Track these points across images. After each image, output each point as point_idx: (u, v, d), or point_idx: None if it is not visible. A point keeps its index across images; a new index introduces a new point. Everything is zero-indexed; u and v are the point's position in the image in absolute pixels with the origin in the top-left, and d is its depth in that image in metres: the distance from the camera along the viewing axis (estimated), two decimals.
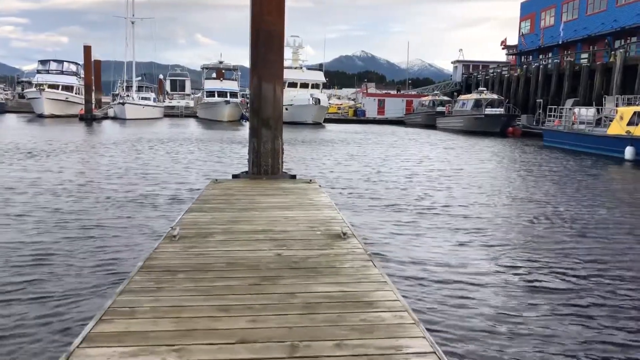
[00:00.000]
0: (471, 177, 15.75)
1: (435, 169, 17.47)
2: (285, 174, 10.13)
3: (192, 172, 15.95)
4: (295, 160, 19.21)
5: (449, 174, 16.26)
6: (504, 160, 21.50)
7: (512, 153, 24.04)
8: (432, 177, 15.55)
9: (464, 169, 17.62)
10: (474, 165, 18.90)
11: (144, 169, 16.53)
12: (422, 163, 19.42)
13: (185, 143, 26.80)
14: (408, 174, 16.32)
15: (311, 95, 48.07)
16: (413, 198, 12.31)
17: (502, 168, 18.68)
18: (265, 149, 9.83)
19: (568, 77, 41.47)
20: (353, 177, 15.35)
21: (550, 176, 16.70)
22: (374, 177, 15.44)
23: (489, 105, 41.36)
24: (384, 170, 16.94)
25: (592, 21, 46.52)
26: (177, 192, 12.43)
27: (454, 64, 68.54)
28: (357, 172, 16.46)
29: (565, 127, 26.33)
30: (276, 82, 9.86)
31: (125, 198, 11.58)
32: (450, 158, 21.30)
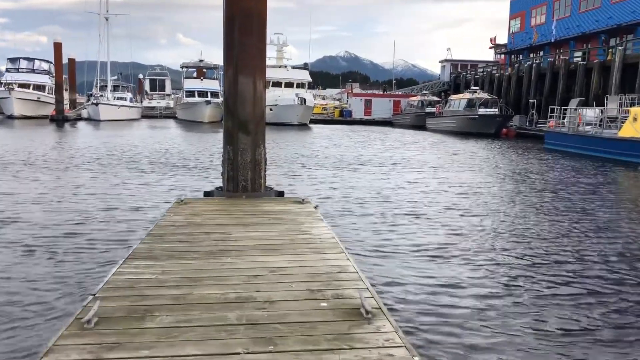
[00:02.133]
0: (484, 194, 13.47)
1: (444, 181, 14.95)
2: (270, 190, 8.10)
3: (156, 187, 13.00)
4: (281, 169, 16.72)
5: (462, 190, 13.53)
6: (511, 168, 19.65)
7: (516, 160, 22.20)
8: (444, 196, 12.69)
9: (473, 184, 14.92)
10: (481, 177, 16.92)
11: (90, 188, 12.70)
12: (426, 173, 16.76)
13: (155, 146, 24.22)
14: (419, 192, 13.22)
15: (296, 94, 45.98)
16: (439, 236, 8.78)
17: (512, 180, 16.77)
18: (243, 159, 7.78)
19: (563, 76, 39.95)
20: (353, 193, 12.61)
21: (564, 186, 14.86)
22: (377, 194, 12.62)
23: (483, 106, 39.68)
24: (388, 186, 13.89)
25: (586, 18, 45.14)
26: (126, 221, 9.13)
27: (441, 63, 66.96)
28: (357, 186, 13.70)
29: (570, 128, 24.58)
30: (257, 74, 7.82)
31: (48, 243, 7.72)
32: (454, 167, 18.92)
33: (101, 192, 12.07)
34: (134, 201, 11.07)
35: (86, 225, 8.87)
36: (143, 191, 12.38)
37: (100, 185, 13.24)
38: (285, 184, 13.36)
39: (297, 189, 12.83)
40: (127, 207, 10.45)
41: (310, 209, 6.84)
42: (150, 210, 10.05)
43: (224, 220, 6.07)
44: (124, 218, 9.46)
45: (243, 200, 7.44)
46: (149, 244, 4.91)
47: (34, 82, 53.24)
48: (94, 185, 13.21)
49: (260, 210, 6.66)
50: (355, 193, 12.67)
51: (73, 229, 8.59)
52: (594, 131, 22.73)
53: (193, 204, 7.10)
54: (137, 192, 12.29)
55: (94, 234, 8.28)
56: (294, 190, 12.19)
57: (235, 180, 7.83)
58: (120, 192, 12.15)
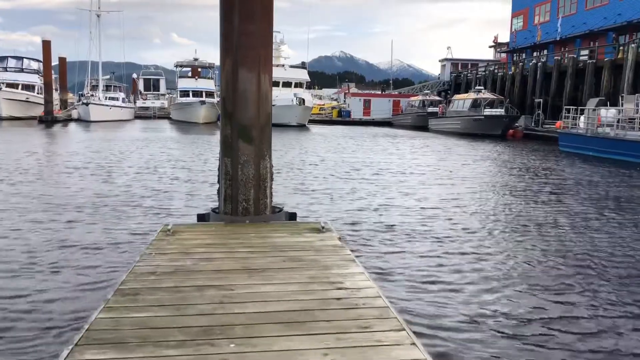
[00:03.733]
0: (540, 221, 10.13)
1: (484, 199, 12.25)
2: (279, 213, 6.55)
3: (139, 208, 10.28)
4: (284, 180, 14.09)
5: (509, 214, 10.55)
6: (532, 175, 18.10)
7: (533, 164, 20.68)
8: (492, 220, 9.89)
9: (516, 204, 11.96)
10: (521, 193, 15.25)
11: (62, 199, 10.87)
12: (459, 187, 13.87)
13: (143, 152, 22.17)
14: (462, 213, 10.48)
15: (295, 94, 44.39)
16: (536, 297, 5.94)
17: (542, 194, 15.19)
18: (245, 174, 6.24)
19: (571, 75, 38.54)
20: (377, 215, 10.01)
21: (597, 196, 13.37)
22: (407, 215, 10.05)
23: (488, 106, 38.19)
24: (417, 204, 11.25)
25: (593, 16, 43.75)
26: (90, 267, 6.60)
27: (441, 62, 65.47)
28: (380, 205, 11.03)
29: (588, 130, 23.08)
30: (262, 68, 6.27)
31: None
32: (484, 176, 16.55)
33: (68, 219, 9.16)
34: (107, 229, 8.49)
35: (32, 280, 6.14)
36: (121, 213, 9.78)
37: (70, 201, 10.75)
38: (292, 200, 11.19)
39: (308, 207, 10.69)
40: (96, 239, 7.83)
41: (334, 241, 5.30)
42: (125, 246, 7.53)
43: (222, 261, 4.52)
44: (88, 259, 6.89)
45: (246, 227, 5.90)
46: (112, 315, 3.34)
47: (23, 82, 51.44)
48: (64, 203, 10.60)
49: (270, 245, 5.11)
50: (380, 214, 10.14)
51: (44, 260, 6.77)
52: (615, 133, 21.25)
53: (183, 234, 5.55)
54: (114, 215, 9.63)
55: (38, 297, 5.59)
56: (305, 209, 10.21)
57: (235, 200, 6.28)
58: (91, 216, 9.45)
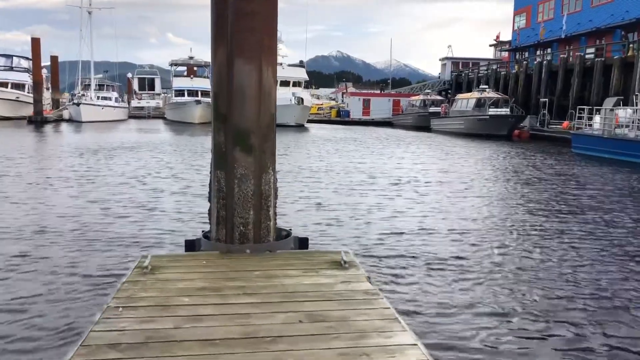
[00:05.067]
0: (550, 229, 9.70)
1: (535, 219, 9.95)
2: (286, 239, 5.28)
3: (117, 230, 8.24)
4: (287, 191, 11.90)
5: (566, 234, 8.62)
6: (555, 181, 16.88)
7: (551, 168, 19.46)
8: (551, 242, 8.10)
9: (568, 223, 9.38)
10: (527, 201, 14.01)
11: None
12: (496, 201, 11.69)
13: (131, 156, 20.44)
14: (514, 238, 8.47)
15: (293, 94, 43.09)
16: None
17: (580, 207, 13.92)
18: (242, 191, 4.98)
19: (578, 73, 37.38)
20: (409, 242, 7.88)
21: None
22: (445, 242, 8.02)
23: (493, 105, 36.99)
24: (456, 226, 9.09)
25: (599, 13, 42.60)
26: (46, 315, 5.00)
27: (442, 61, 64.31)
28: (409, 226, 8.92)
29: (604, 131, 21.86)
30: (264, 59, 5.01)
31: None
32: (517, 185, 14.63)
33: (18, 251, 7.10)
34: (65, 266, 6.46)
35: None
36: (89, 240, 7.63)
37: (27, 224, 8.58)
38: (298, 219, 9.14)
39: (317, 227, 8.58)
40: (45, 284, 5.85)
41: (362, 283, 4.04)
42: (85, 294, 5.55)
43: (215, 321, 3.26)
44: (22, 324, 4.80)
45: (246, 261, 4.64)
46: None
47: (13, 81, 50.04)
48: (20, 226, 8.44)
49: (280, 291, 3.85)
50: (412, 241, 7.91)
51: None
52: (635, 134, 20.02)
53: (164, 272, 4.29)
54: (79, 243, 7.50)
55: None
56: (314, 229, 8.20)
57: (231, 223, 5.02)
58: (48, 247, 7.31)
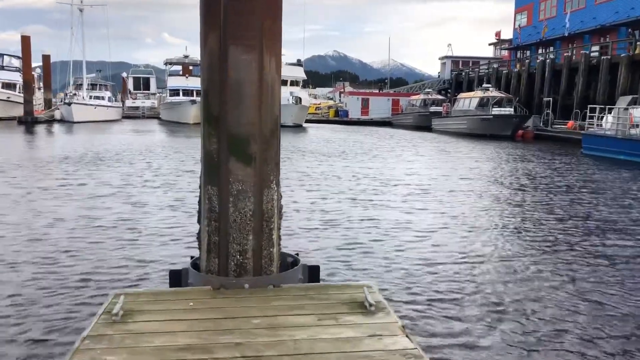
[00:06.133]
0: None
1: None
2: (294, 269, 4.27)
3: (87, 259, 6.87)
4: (289, 207, 9.94)
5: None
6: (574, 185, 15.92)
7: (556, 167, 18.53)
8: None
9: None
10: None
11: None
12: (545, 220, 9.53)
13: (117, 162, 18.45)
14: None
15: (291, 93, 42.08)
16: None
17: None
18: (239, 212, 3.98)
19: (583, 72, 36.45)
20: (450, 273, 6.49)
21: None
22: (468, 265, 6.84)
23: (496, 105, 36.04)
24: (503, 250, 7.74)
25: (603, 10, 41.74)
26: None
27: (441, 60, 63.39)
28: (445, 250, 7.55)
29: (618, 132, 20.93)
30: (266, 47, 4.00)
31: None
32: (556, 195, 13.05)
33: None
34: (11, 316, 5.09)
35: None
36: (50, 271, 6.33)
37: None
38: (303, 239, 7.71)
39: (329, 251, 7.14)
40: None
41: (397, 335, 3.05)
42: (30, 354, 4.31)
43: None
44: None
45: (242, 300, 3.65)
46: None
47: (4, 80, 48.92)
48: None
49: (289, 349, 2.85)
50: (449, 270, 6.58)
51: None
52: None
53: (139, 319, 3.29)
54: (37, 277, 6.14)
55: None
56: (326, 255, 6.84)
57: (225, 251, 4.02)
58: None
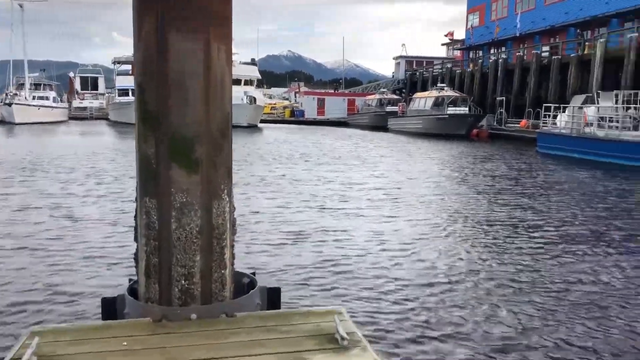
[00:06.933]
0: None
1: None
2: (247, 288, 3.65)
3: (8, 283, 6.12)
4: (242, 217, 8.96)
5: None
6: (529, 182, 15.86)
7: (515, 166, 18.53)
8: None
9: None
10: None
11: None
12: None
13: (53, 168, 16.79)
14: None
15: (245, 92, 41.24)
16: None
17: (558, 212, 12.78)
18: (184, 229, 3.33)
19: (534, 71, 37.13)
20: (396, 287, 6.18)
21: None
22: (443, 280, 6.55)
23: (451, 104, 36.26)
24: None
25: (552, 11, 42.70)
26: None
27: (396, 60, 63.74)
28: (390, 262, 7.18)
29: (573, 130, 21.09)
30: (213, 34, 3.36)
31: None
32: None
33: None
34: None
35: None
36: None
37: None
38: (260, 256, 7.01)
39: (289, 268, 6.50)
40: None
41: None
42: None
43: None
44: None
45: (189, 336, 3.00)
46: None
47: None
48: None
49: None
50: (425, 289, 6.15)
51: None
52: (605, 133, 19.28)
53: None
54: None
55: None
56: (286, 273, 6.28)
57: (167, 276, 3.37)
58: None
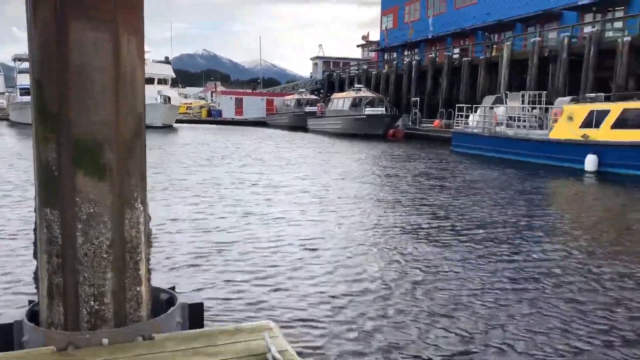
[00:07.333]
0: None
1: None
2: (166, 305, 3.29)
3: None
4: (159, 229, 7.86)
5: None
6: (447, 182, 16.25)
7: (434, 166, 18.98)
8: None
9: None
10: None
11: None
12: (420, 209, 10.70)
13: None
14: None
15: (159, 92, 39.76)
16: None
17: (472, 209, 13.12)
18: (92, 243, 2.93)
19: (446, 73, 38.41)
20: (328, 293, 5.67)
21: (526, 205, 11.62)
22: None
23: (368, 105, 36.76)
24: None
25: (462, 15, 44.35)
26: None
27: (313, 61, 64.01)
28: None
29: (484, 129, 21.92)
30: (122, 23, 2.98)
31: None
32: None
33: None
34: None
35: None
36: None
37: None
38: (180, 269, 6.28)
39: (212, 280, 5.88)
40: None
41: None
42: None
43: None
44: None
45: None
46: None
47: None
48: None
49: None
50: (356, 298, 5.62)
51: None
52: (515, 132, 20.18)
53: None
54: None
55: None
56: (209, 285, 5.71)
57: (74, 297, 2.96)
58: None
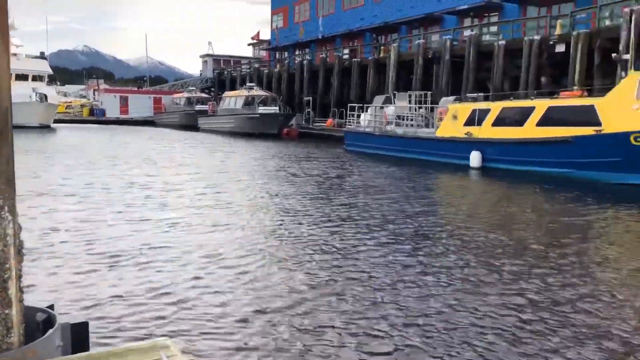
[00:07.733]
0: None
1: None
2: (44, 326, 2.83)
3: None
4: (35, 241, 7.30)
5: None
6: (344, 178, 16.41)
7: (331, 165, 19.16)
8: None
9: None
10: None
11: None
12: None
13: None
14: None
15: (34, 89, 36.82)
16: None
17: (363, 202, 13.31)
18: None
19: (337, 73, 39.09)
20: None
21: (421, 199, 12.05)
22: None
23: (262, 104, 36.53)
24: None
25: (350, 16, 45.38)
26: None
27: (203, 59, 62.57)
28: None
29: (375, 128, 22.45)
30: None
31: None
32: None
33: None
34: None
35: None
36: None
37: None
38: (65, 287, 5.70)
39: (104, 299, 5.38)
40: None
41: None
42: None
43: None
44: None
45: None
46: None
47: None
48: None
49: None
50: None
51: None
52: (404, 131, 20.88)
53: None
54: None
55: None
56: (94, 301, 5.28)
57: None
58: None
